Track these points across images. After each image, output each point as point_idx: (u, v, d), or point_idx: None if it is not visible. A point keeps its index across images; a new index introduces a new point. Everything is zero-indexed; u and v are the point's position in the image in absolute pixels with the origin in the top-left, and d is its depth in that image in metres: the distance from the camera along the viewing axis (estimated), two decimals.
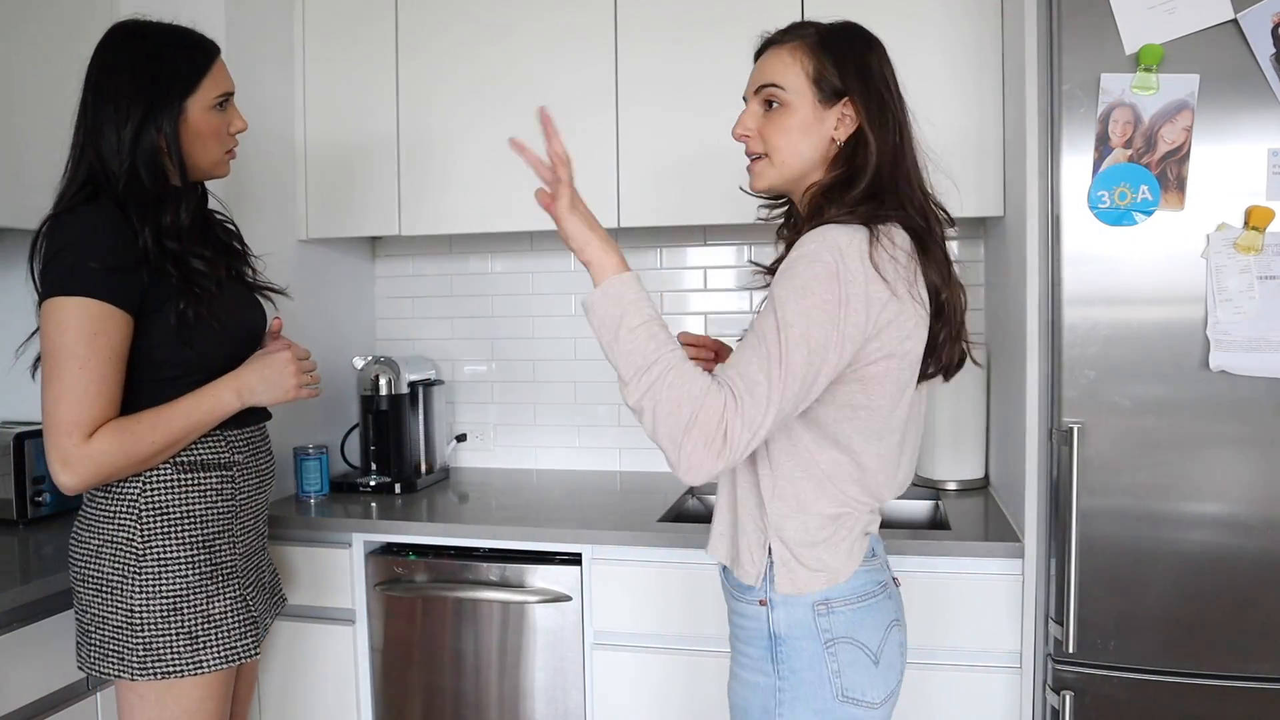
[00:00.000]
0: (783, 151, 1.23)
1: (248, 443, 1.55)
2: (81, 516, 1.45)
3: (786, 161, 1.23)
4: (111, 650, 1.39)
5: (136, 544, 1.40)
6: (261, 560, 1.60)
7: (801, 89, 1.21)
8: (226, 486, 1.48)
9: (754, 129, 1.25)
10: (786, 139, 1.22)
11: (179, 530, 1.42)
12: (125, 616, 1.39)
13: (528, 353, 2.65)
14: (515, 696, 2.00)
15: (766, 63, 1.25)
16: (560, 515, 2.10)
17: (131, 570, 1.39)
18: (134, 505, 1.41)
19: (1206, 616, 1.56)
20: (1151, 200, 1.55)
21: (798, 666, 1.19)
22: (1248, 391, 1.53)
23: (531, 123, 2.38)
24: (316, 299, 2.44)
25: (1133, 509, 1.58)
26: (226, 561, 1.48)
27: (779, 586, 1.20)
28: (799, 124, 1.22)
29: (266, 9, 2.25)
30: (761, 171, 1.26)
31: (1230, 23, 1.50)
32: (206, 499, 1.46)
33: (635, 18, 2.16)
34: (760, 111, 1.25)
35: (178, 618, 1.40)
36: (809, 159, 1.23)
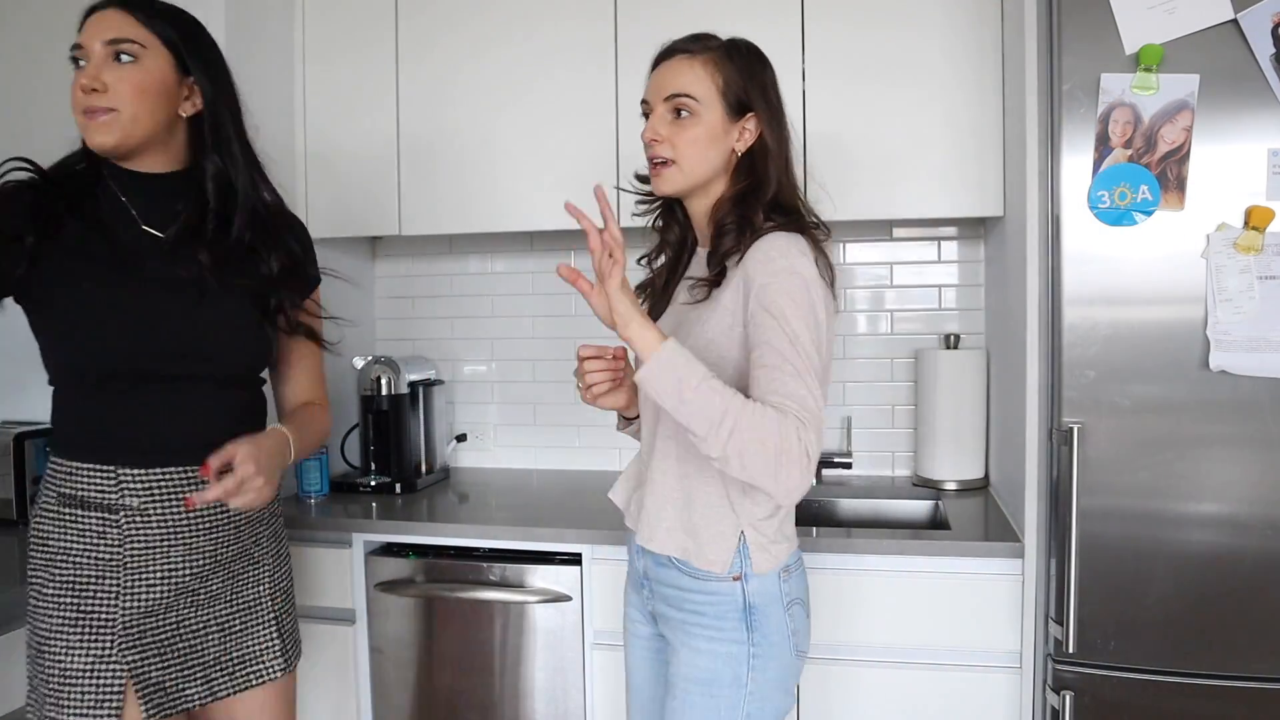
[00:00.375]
0: (691, 160, 1.31)
1: (152, 486, 1.31)
2: None
3: (694, 170, 1.32)
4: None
5: (29, 571, 1.32)
6: (196, 627, 1.37)
7: (711, 101, 1.30)
8: (110, 530, 1.29)
9: (665, 135, 1.31)
10: (695, 148, 1.30)
11: (52, 566, 1.29)
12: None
13: (528, 353, 2.65)
14: (515, 696, 2.00)
15: (675, 71, 1.32)
16: (560, 515, 2.10)
17: (28, 595, 1.31)
18: (33, 527, 1.33)
19: (1206, 616, 1.56)
20: (1151, 200, 1.55)
21: (768, 630, 1.31)
22: (1248, 391, 1.53)
23: (531, 124, 2.39)
24: None
25: (1133, 509, 1.58)
26: (103, 613, 1.28)
27: (757, 566, 1.30)
28: (707, 134, 1.30)
29: (266, 12, 2.25)
30: (669, 177, 1.32)
31: (1230, 23, 1.50)
32: (85, 540, 1.29)
33: (635, 16, 2.16)
34: (669, 118, 1.31)
35: (41, 661, 1.28)
36: (713, 168, 1.33)
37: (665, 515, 1.35)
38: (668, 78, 1.33)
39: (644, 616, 1.48)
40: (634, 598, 1.50)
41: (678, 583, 1.35)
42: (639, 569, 1.45)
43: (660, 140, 1.32)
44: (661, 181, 1.34)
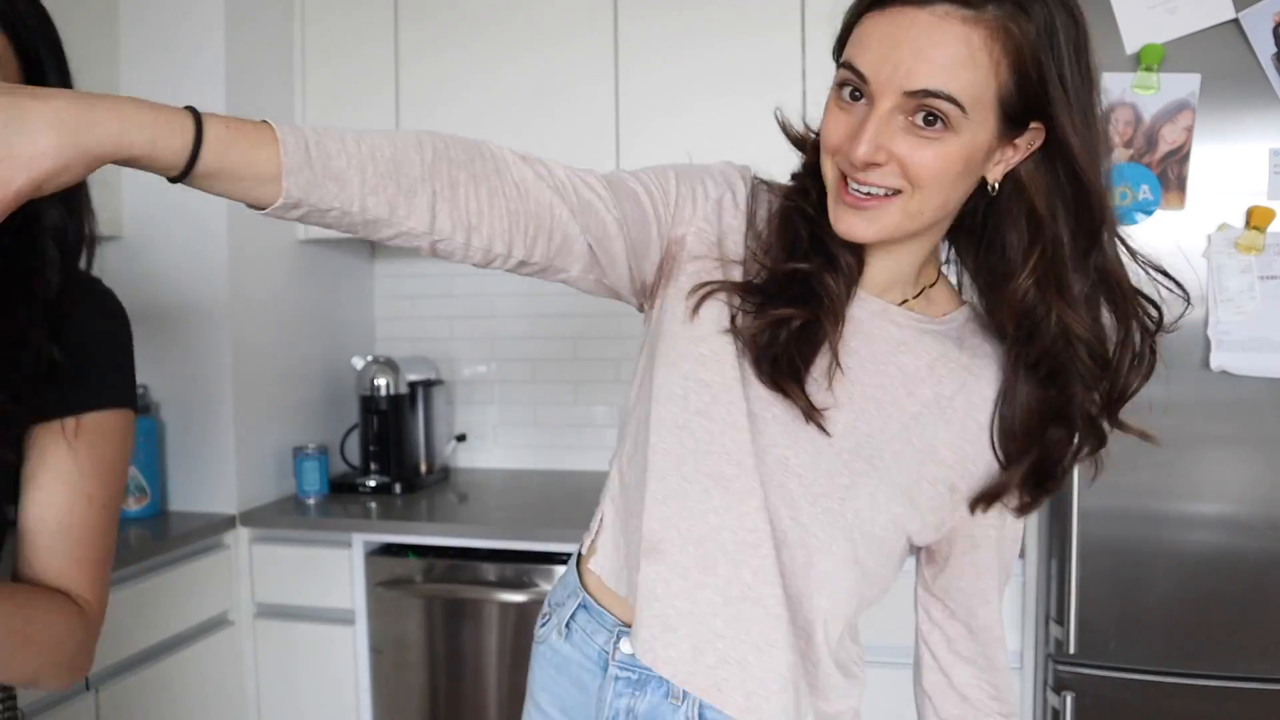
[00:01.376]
0: (931, 197, 0.77)
1: None
2: None
3: (926, 208, 0.78)
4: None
5: None
6: None
7: (984, 107, 0.74)
8: None
9: (897, 153, 0.75)
10: (941, 180, 0.76)
11: None
12: None
13: (528, 353, 2.65)
14: (515, 696, 2.00)
15: (933, 44, 0.72)
16: (560, 515, 2.10)
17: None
18: None
19: (1207, 617, 1.56)
20: (1152, 200, 1.55)
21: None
22: (1248, 391, 1.53)
23: (531, 126, 2.39)
24: (316, 299, 2.44)
25: (1133, 509, 1.58)
26: None
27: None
28: (965, 163, 0.76)
29: (266, 15, 2.24)
30: (886, 215, 0.77)
31: (1231, 22, 1.50)
32: None
33: (636, 14, 2.16)
34: (903, 124, 0.75)
35: None
36: (952, 208, 0.82)
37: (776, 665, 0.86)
38: (919, 54, 0.72)
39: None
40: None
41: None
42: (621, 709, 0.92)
43: (884, 162, 0.75)
44: (863, 222, 0.78)
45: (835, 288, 0.83)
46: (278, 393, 2.27)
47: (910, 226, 0.79)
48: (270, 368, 2.23)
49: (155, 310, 2.06)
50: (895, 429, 0.85)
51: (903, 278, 0.87)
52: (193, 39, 2.07)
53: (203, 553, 2.01)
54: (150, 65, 2.09)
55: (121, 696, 1.73)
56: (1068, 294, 0.80)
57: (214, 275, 2.08)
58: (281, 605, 2.09)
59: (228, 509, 2.10)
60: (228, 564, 2.07)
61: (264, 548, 2.10)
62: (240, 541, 2.10)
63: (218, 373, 2.09)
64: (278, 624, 2.09)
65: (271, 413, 2.25)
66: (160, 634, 1.86)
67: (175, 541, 1.92)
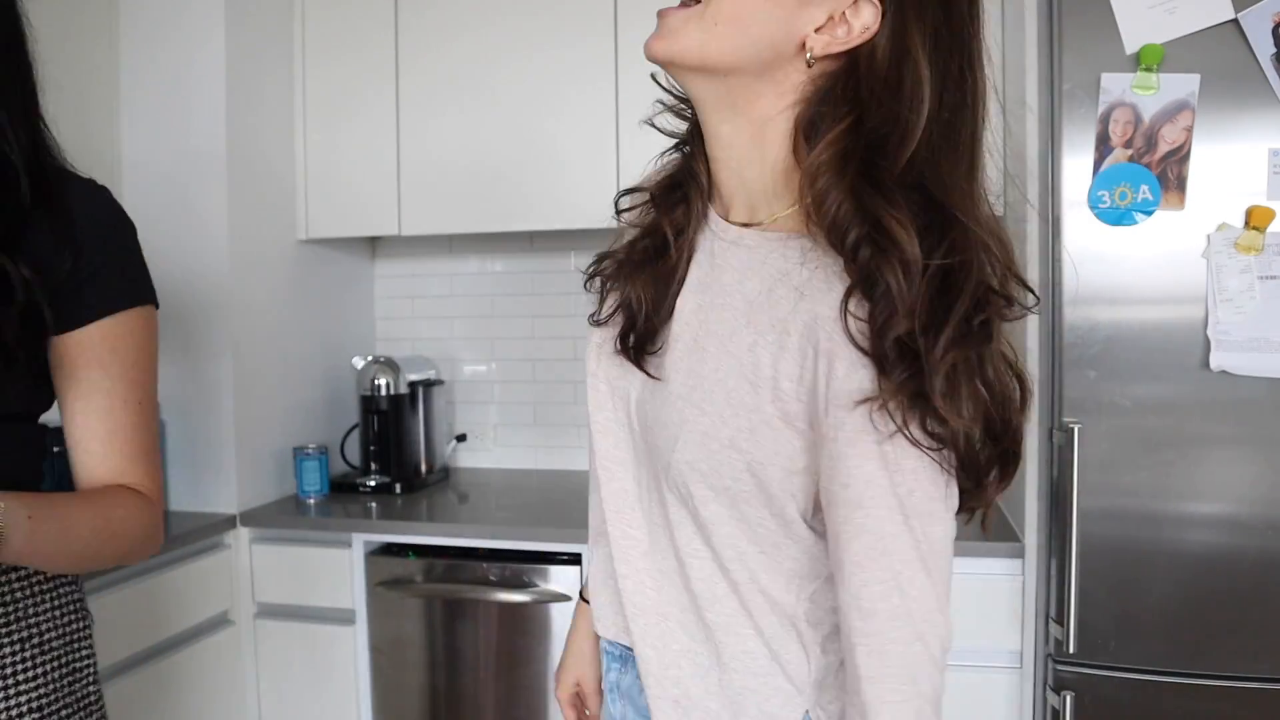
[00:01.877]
0: (732, 9, 0.71)
1: None
2: None
3: (719, 24, 0.71)
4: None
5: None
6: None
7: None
8: None
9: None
10: (747, 3, 0.70)
11: None
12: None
13: (528, 353, 2.65)
14: (515, 697, 2.00)
15: None
16: (560, 515, 2.10)
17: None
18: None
19: (1207, 616, 1.56)
20: (1152, 200, 1.55)
21: None
22: (1248, 391, 1.53)
23: (530, 124, 2.40)
24: (316, 299, 2.44)
25: (1133, 509, 1.58)
26: None
27: None
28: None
29: (267, 13, 2.25)
30: (684, 26, 0.74)
31: (1230, 22, 1.50)
32: None
33: (636, 13, 2.16)
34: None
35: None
36: (766, 43, 0.71)
37: (680, 679, 0.82)
38: None
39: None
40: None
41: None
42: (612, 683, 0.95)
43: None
44: (668, 35, 0.75)
45: (687, 211, 0.81)
46: (278, 393, 2.27)
47: (709, 44, 0.71)
48: (270, 368, 2.23)
49: None
50: (730, 364, 0.74)
51: (757, 193, 0.78)
52: (193, 37, 2.07)
53: (203, 553, 2.01)
54: (150, 63, 2.09)
55: (121, 696, 1.73)
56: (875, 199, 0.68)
57: (214, 275, 2.08)
58: (281, 605, 2.09)
59: (228, 509, 2.10)
60: (228, 564, 2.07)
61: (264, 548, 2.10)
62: (240, 541, 2.10)
63: (218, 373, 2.10)
64: (278, 624, 2.09)
65: (271, 413, 2.25)
66: (160, 634, 1.86)
67: (175, 541, 1.92)
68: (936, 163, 0.69)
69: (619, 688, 0.93)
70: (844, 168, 0.69)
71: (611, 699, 0.95)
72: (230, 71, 2.09)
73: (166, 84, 2.09)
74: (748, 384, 0.73)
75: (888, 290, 0.65)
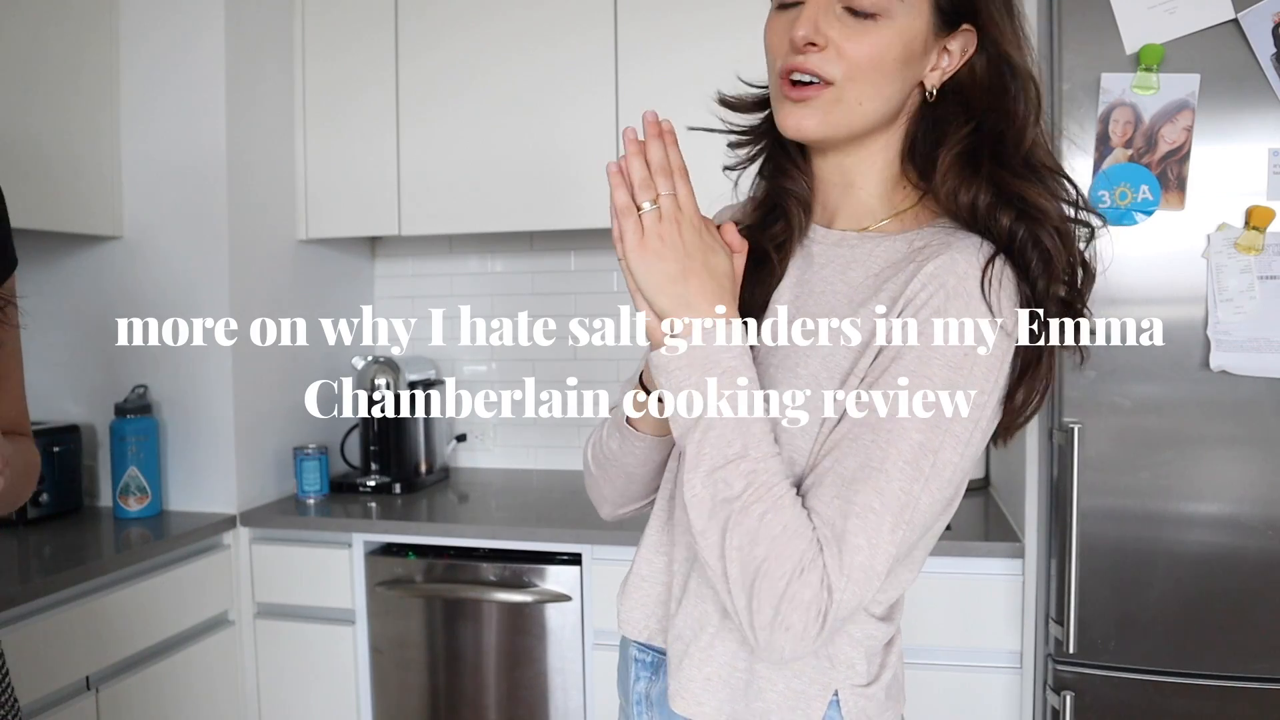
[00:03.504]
0: (860, 87, 0.78)
1: None
2: None
3: (858, 108, 0.79)
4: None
5: None
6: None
7: (915, 2, 0.78)
8: None
9: (831, 38, 0.78)
10: (874, 73, 0.78)
11: None
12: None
13: (528, 353, 2.65)
14: (515, 696, 2.00)
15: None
16: (560, 515, 2.10)
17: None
18: None
19: (1207, 616, 1.56)
20: (1152, 200, 1.55)
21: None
22: (1248, 391, 1.53)
23: (530, 123, 2.39)
24: (316, 299, 2.44)
25: (1133, 509, 1.58)
26: None
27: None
28: (900, 56, 0.79)
29: (266, 12, 2.25)
30: (824, 107, 0.79)
31: (1230, 22, 1.50)
32: None
33: (636, 14, 2.16)
34: (838, 13, 0.78)
35: None
36: (891, 107, 0.82)
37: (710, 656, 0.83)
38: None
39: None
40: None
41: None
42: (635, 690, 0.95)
43: (822, 45, 0.78)
44: (806, 113, 0.79)
45: (799, 221, 0.87)
46: (278, 393, 2.27)
47: (854, 120, 0.80)
48: (270, 368, 2.23)
49: (155, 310, 2.06)
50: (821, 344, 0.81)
51: (867, 209, 0.86)
52: (193, 36, 2.07)
53: (203, 553, 2.01)
54: (150, 57, 2.09)
55: (121, 696, 1.74)
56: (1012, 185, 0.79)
57: (214, 275, 2.08)
58: (281, 605, 2.10)
59: (228, 509, 2.10)
60: (228, 564, 2.07)
61: (264, 548, 2.10)
62: (240, 541, 2.10)
63: (218, 373, 2.10)
64: (278, 624, 2.09)
65: (271, 413, 2.25)
66: (160, 634, 1.86)
67: (175, 541, 1.92)
68: (1036, 141, 0.80)
69: (648, 698, 0.92)
70: (976, 166, 0.79)
71: (639, 710, 0.94)
72: (230, 71, 2.09)
73: (166, 84, 2.09)
74: (832, 356, 0.80)
75: (1046, 252, 0.76)
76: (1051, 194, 0.79)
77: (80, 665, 1.65)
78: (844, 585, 0.71)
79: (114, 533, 1.95)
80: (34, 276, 2.10)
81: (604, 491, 1.00)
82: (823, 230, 0.88)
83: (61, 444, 2.04)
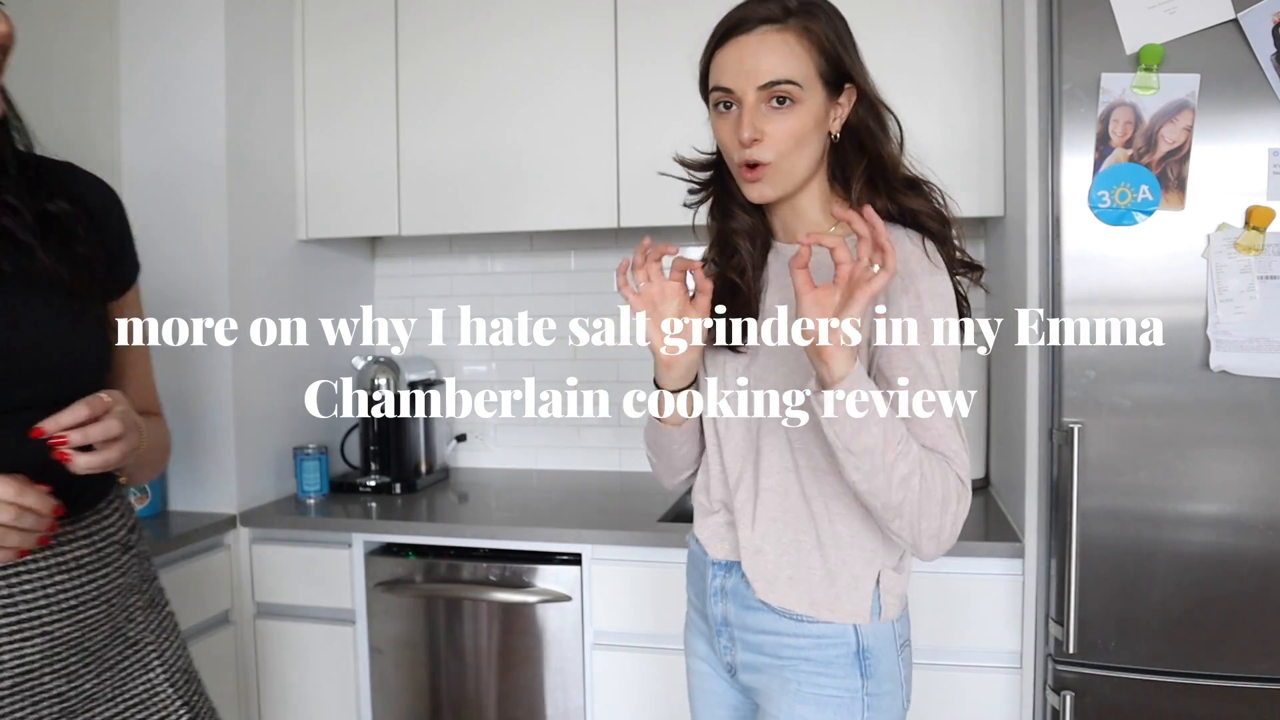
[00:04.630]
0: (792, 158, 1.09)
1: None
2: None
3: (794, 170, 1.10)
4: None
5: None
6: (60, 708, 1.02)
7: (812, 83, 1.07)
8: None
9: (764, 131, 1.07)
10: (799, 145, 1.08)
11: None
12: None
13: (528, 353, 2.65)
14: (515, 696, 2.00)
15: (766, 49, 1.06)
16: (560, 515, 2.10)
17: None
18: None
19: (1207, 616, 1.56)
20: (1152, 200, 1.55)
21: (882, 677, 1.15)
22: (1248, 391, 1.53)
23: (530, 122, 2.39)
24: (316, 299, 2.44)
25: (1133, 509, 1.58)
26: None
27: (886, 612, 1.15)
28: (814, 124, 1.09)
29: (266, 11, 2.25)
30: (772, 181, 1.10)
31: (1230, 22, 1.50)
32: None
33: (636, 17, 2.16)
34: (765, 111, 1.07)
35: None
36: (814, 162, 1.12)
37: (789, 561, 1.15)
38: (758, 58, 1.06)
39: (718, 670, 1.27)
40: (702, 648, 1.29)
41: (774, 627, 1.16)
42: (717, 614, 1.23)
43: (761, 138, 1.07)
44: (762, 187, 1.10)
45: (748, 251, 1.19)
46: (278, 393, 2.27)
47: (796, 178, 1.11)
48: (270, 368, 2.23)
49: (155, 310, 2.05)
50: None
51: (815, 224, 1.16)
52: (192, 31, 2.07)
53: (203, 553, 2.01)
54: (150, 54, 2.09)
55: None
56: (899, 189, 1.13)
57: (214, 275, 2.08)
58: (281, 605, 2.10)
59: (228, 509, 2.10)
60: (228, 564, 2.07)
61: (264, 548, 2.10)
62: (240, 541, 2.10)
63: (218, 373, 2.10)
64: (278, 624, 2.09)
65: (271, 413, 2.25)
66: None
67: (175, 541, 1.92)
68: (901, 162, 1.15)
69: (724, 590, 1.21)
70: (875, 186, 1.13)
71: (715, 600, 1.22)
72: (229, 71, 2.09)
73: (166, 83, 2.09)
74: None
75: (932, 227, 1.12)
76: (924, 196, 1.14)
77: None
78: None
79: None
80: None
81: (658, 469, 1.33)
82: (786, 246, 1.19)
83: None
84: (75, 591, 1.00)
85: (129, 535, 1.12)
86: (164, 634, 1.16)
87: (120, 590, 1.08)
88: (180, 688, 1.14)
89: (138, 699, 1.09)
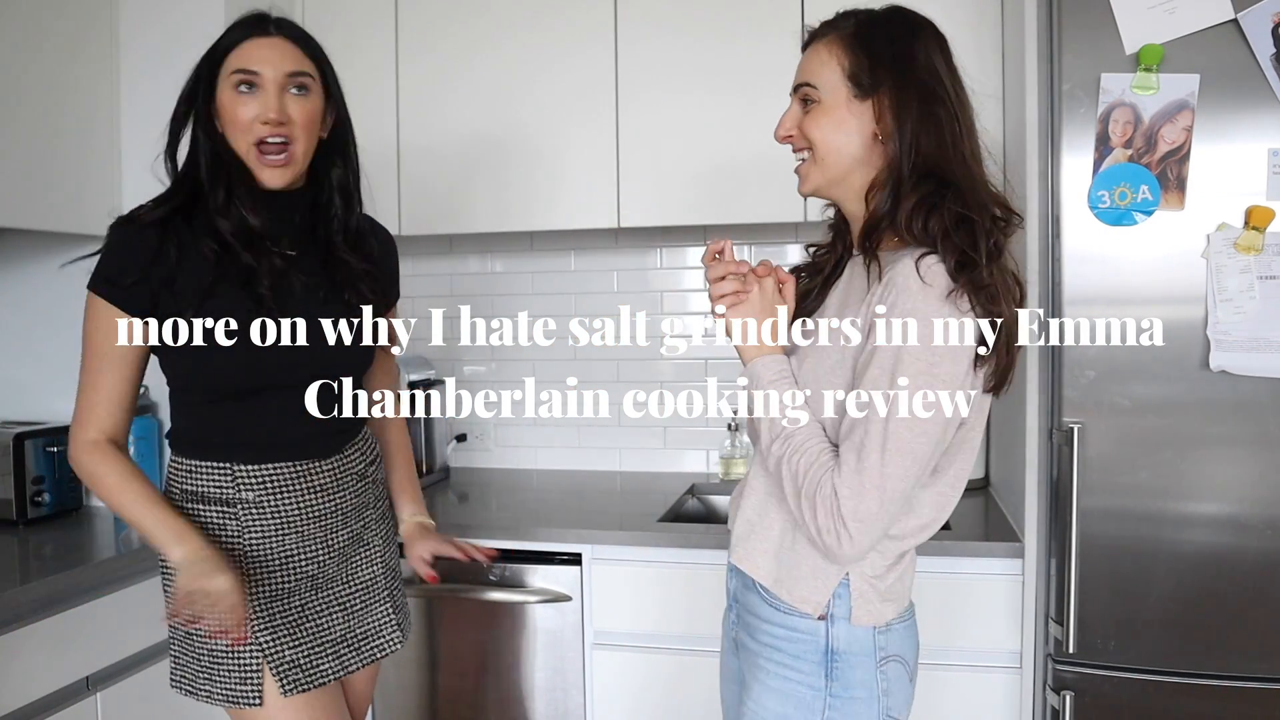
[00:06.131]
0: (821, 147, 1.18)
1: (265, 480, 1.36)
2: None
3: (826, 159, 1.18)
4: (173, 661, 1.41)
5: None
6: (320, 608, 1.41)
7: (835, 85, 1.17)
8: (230, 523, 1.35)
9: (793, 128, 1.20)
10: (822, 135, 1.17)
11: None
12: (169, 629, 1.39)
13: (528, 353, 2.65)
14: (515, 696, 2.00)
15: (806, 59, 1.21)
16: (560, 515, 2.10)
17: (165, 586, 1.39)
18: None
19: (1206, 616, 1.56)
20: (1152, 200, 1.55)
21: (852, 683, 1.15)
22: (1248, 391, 1.53)
23: (530, 122, 2.38)
24: None
25: (1133, 509, 1.58)
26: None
27: (855, 618, 1.15)
28: (833, 120, 1.17)
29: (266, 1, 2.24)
30: (805, 173, 1.22)
31: (1230, 23, 1.50)
32: (207, 533, 1.33)
33: (636, 19, 2.16)
34: (799, 111, 1.20)
35: (189, 644, 1.36)
36: (850, 155, 1.17)
37: (763, 534, 1.22)
38: (799, 68, 1.22)
39: (730, 645, 1.34)
40: (725, 624, 1.37)
41: (758, 610, 1.22)
42: (730, 589, 1.32)
43: (792, 135, 1.21)
44: (801, 180, 1.23)
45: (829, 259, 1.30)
46: None
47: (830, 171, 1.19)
48: None
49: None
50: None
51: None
52: (192, 30, 2.06)
53: None
54: (148, 50, 2.08)
55: (121, 696, 1.73)
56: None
57: None
58: None
59: None
60: None
61: None
62: None
63: None
64: None
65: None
66: (161, 634, 1.85)
67: None
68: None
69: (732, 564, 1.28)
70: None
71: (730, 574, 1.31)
72: None
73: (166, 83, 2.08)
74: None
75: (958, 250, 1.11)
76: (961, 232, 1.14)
77: (80, 665, 1.65)
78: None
79: (114, 533, 1.95)
80: (33, 277, 2.10)
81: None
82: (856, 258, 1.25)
83: (61, 444, 2.03)
84: (318, 506, 1.39)
85: (367, 468, 1.49)
86: (387, 541, 1.54)
87: (355, 507, 1.45)
88: (390, 581, 1.52)
89: (362, 584, 1.47)
